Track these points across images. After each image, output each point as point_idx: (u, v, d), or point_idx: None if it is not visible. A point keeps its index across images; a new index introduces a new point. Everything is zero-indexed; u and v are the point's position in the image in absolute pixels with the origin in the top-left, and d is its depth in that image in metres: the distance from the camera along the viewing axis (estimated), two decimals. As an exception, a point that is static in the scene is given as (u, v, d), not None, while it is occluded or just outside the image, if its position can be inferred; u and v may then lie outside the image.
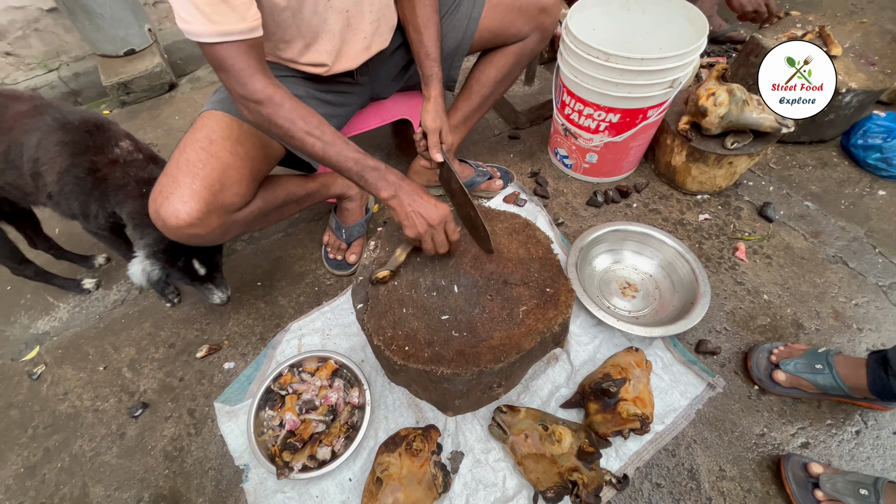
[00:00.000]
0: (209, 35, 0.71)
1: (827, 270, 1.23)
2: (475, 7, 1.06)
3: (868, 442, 0.96)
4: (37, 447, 1.05)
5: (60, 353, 1.20)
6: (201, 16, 0.69)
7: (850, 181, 1.43)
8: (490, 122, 1.73)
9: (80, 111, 0.98)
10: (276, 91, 0.78)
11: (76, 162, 0.92)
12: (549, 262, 0.96)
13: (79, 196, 0.94)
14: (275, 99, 0.78)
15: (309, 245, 1.38)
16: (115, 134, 0.98)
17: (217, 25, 0.70)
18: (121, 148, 0.97)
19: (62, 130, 0.92)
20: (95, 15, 1.86)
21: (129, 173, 0.95)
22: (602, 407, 0.93)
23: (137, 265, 0.95)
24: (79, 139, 0.92)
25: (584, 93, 1.23)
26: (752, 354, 1.06)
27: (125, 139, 0.99)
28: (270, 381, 1.02)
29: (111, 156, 0.95)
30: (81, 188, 0.94)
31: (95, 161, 0.93)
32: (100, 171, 0.94)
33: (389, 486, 0.85)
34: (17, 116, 0.92)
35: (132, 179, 0.95)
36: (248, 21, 0.73)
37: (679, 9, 1.23)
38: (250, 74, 0.76)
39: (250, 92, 0.77)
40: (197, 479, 0.98)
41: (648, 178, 1.48)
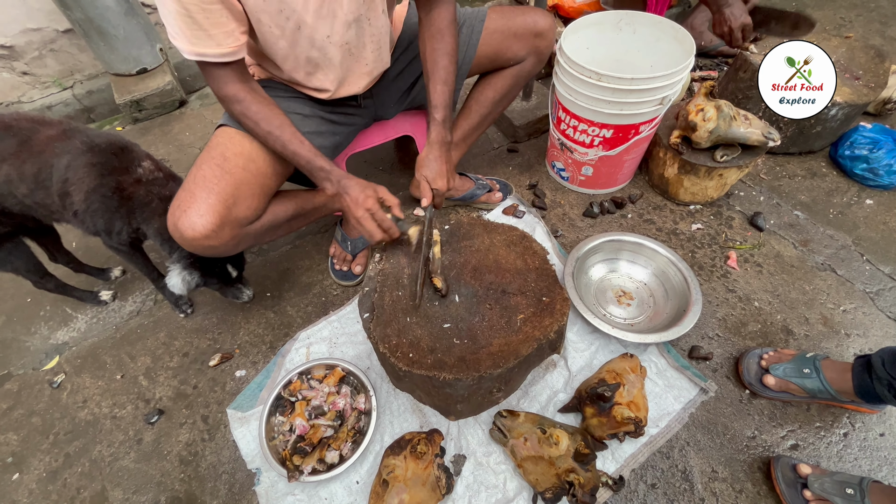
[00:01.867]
0: (188, 53, 0.81)
1: (816, 278, 1.27)
2: (473, 34, 1.12)
3: (855, 444, 1.00)
4: (58, 453, 1.10)
5: (79, 363, 1.25)
6: (183, 37, 0.79)
7: (838, 191, 1.48)
8: (489, 136, 1.79)
9: (106, 134, 1.05)
10: (246, 94, 0.90)
11: (103, 182, 0.98)
12: (546, 272, 1.01)
13: (104, 214, 1.01)
14: (244, 101, 0.90)
15: (316, 256, 1.44)
16: (137, 155, 1.05)
17: (195, 47, 0.80)
18: (143, 168, 1.03)
19: (90, 153, 0.98)
20: (110, 36, 1.94)
21: (152, 191, 1.02)
22: (598, 411, 0.97)
23: (176, 276, 1.02)
24: (105, 160, 0.99)
25: (579, 110, 1.28)
26: (743, 359, 1.10)
27: (146, 159, 1.06)
28: (280, 387, 1.07)
29: (135, 175, 1.02)
30: (107, 206, 1.00)
31: (121, 181, 1.00)
32: (125, 190, 1.00)
33: (395, 488, 0.90)
34: (48, 140, 0.99)
35: (155, 197, 1.02)
36: (224, 48, 0.81)
37: (668, 29, 1.29)
38: (224, 83, 0.88)
39: (224, 94, 0.89)
40: (211, 482, 1.03)
41: (643, 190, 1.53)
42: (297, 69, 0.97)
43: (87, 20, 1.86)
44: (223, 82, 0.88)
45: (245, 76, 0.91)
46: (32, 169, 0.97)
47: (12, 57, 2.03)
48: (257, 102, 0.91)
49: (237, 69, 0.88)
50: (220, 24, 0.79)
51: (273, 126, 0.92)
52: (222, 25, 0.79)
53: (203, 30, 0.78)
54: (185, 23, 0.77)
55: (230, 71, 0.87)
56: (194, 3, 0.75)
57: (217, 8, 0.77)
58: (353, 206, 0.90)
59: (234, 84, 0.89)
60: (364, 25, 0.95)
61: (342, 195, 0.92)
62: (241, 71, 0.89)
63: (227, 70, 0.87)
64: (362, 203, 0.90)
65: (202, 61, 0.83)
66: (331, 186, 0.93)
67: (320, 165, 0.93)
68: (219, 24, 0.79)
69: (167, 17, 0.78)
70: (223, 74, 0.87)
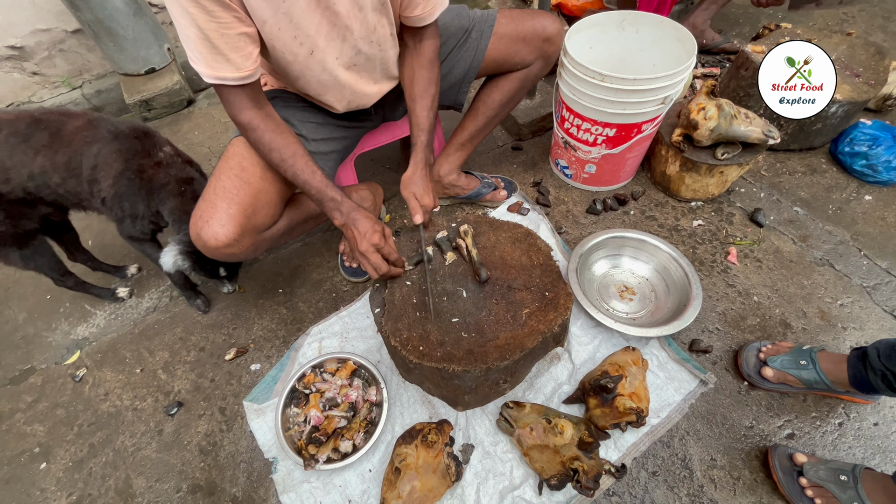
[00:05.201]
0: (207, 76, 0.83)
1: (814, 273, 1.30)
2: (482, 39, 1.14)
3: (850, 433, 1.03)
4: (83, 443, 1.15)
5: (100, 357, 1.30)
6: (202, 60, 0.81)
7: (837, 187, 1.51)
8: (494, 135, 1.82)
9: (129, 121, 1.11)
10: (260, 122, 0.92)
11: (129, 165, 1.05)
12: (550, 268, 1.04)
13: (129, 197, 1.07)
14: (258, 129, 0.92)
15: (326, 254, 1.48)
16: (158, 140, 1.12)
17: (214, 70, 0.82)
18: (164, 152, 1.11)
19: (117, 140, 1.05)
20: (119, 37, 1.97)
21: (170, 174, 1.09)
22: (601, 402, 1.01)
23: (171, 256, 1.07)
24: (130, 145, 1.06)
25: (582, 109, 1.31)
26: (742, 352, 1.13)
27: (167, 145, 1.13)
28: (295, 380, 1.11)
29: (156, 159, 1.09)
30: (132, 188, 1.06)
31: (143, 164, 1.07)
32: (146, 172, 1.07)
33: (407, 475, 0.94)
34: (76, 130, 1.04)
35: (173, 179, 1.09)
36: (242, 71, 0.83)
37: (669, 29, 1.31)
38: (240, 109, 0.90)
39: (239, 120, 0.92)
40: (230, 470, 1.07)
41: (645, 187, 1.56)
42: (308, 87, 1.00)
43: (96, 21, 1.89)
44: (238, 109, 0.89)
45: (260, 100, 0.92)
46: (64, 158, 1.03)
47: (22, 57, 2.06)
48: (271, 131, 0.92)
49: (252, 92, 0.89)
50: (239, 48, 0.81)
51: (286, 155, 0.94)
52: (240, 49, 0.81)
53: (222, 54, 0.80)
54: (204, 47, 0.79)
55: (245, 95, 0.88)
56: (214, 29, 0.77)
57: (235, 34, 0.79)
58: (359, 240, 0.93)
59: (249, 111, 0.90)
60: (374, 50, 0.98)
61: (350, 227, 0.94)
62: (255, 94, 0.91)
63: (243, 94, 0.88)
64: (369, 238, 0.92)
65: (219, 84, 0.85)
66: (339, 217, 0.95)
67: (331, 196, 0.95)
68: (237, 48, 0.81)
69: (187, 42, 0.80)
70: (239, 99, 0.88)
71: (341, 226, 0.96)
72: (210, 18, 0.76)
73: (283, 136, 0.94)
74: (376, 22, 0.93)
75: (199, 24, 0.76)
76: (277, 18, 0.82)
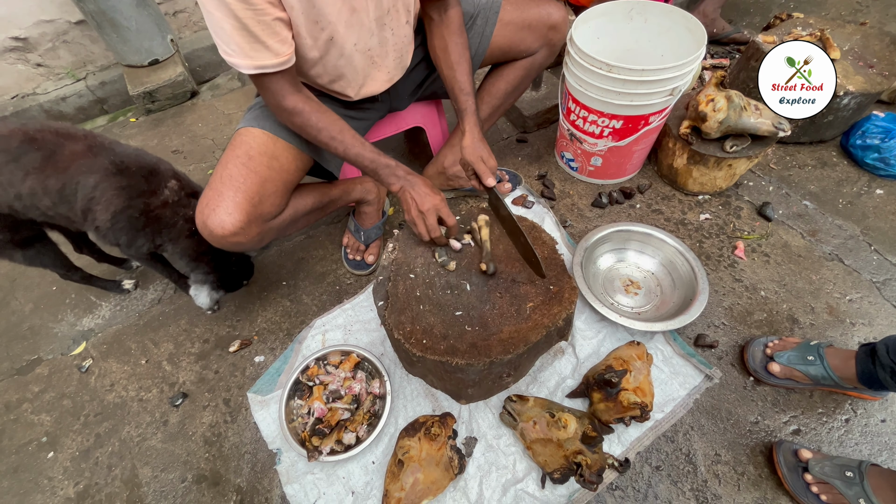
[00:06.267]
0: (248, 68, 0.82)
1: (823, 267, 1.28)
2: (487, 26, 1.13)
3: (857, 429, 1.02)
4: (89, 433, 1.16)
5: (105, 348, 1.31)
6: (241, 52, 0.80)
7: (848, 180, 1.48)
8: (499, 127, 1.80)
9: (134, 153, 1.03)
10: (305, 104, 0.92)
11: (132, 204, 0.99)
12: (554, 261, 1.03)
13: (129, 232, 1.02)
14: (304, 112, 0.92)
15: (329, 247, 1.47)
16: (164, 175, 1.05)
17: (254, 60, 0.81)
18: (169, 188, 1.04)
19: (120, 175, 0.98)
20: (122, 28, 1.96)
21: (178, 213, 1.04)
22: (605, 396, 1.01)
23: (205, 295, 1.08)
24: (135, 184, 0.99)
25: (588, 101, 1.29)
26: (749, 347, 1.12)
27: (172, 178, 1.06)
28: (299, 372, 1.11)
29: (162, 197, 1.03)
30: (133, 226, 1.01)
31: (149, 203, 1.01)
32: (153, 212, 1.01)
33: (410, 468, 0.94)
34: (74, 156, 0.97)
35: (181, 218, 1.04)
36: (281, 56, 0.83)
37: (679, 18, 1.29)
38: (283, 95, 0.89)
39: (285, 107, 0.91)
40: (234, 461, 1.08)
41: (651, 180, 1.54)
42: (322, 76, 0.99)
43: (99, 11, 1.88)
44: (281, 96, 0.89)
45: (297, 85, 0.92)
46: (57, 184, 0.97)
47: (27, 49, 2.06)
48: (316, 112, 0.93)
49: (290, 78, 0.89)
50: (276, 34, 0.80)
51: (335, 132, 0.94)
52: (277, 34, 0.80)
53: (260, 42, 0.79)
54: (242, 37, 0.78)
55: (286, 82, 0.88)
56: (251, 17, 0.76)
57: (271, 19, 0.78)
58: (420, 200, 0.95)
59: (291, 96, 0.90)
60: (387, 34, 0.97)
61: (407, 190, 0.96)
62: (293, 80, 0.91)
63: (283, 81, 0.88)
64: (431, 199, 0.95)
65: (260, 74, 0.84)
66: (396, 181, 0.97)
67: (385, 163, 0.97)
68: (274, 34, 0.80)
69: (222, 35, 0.79)
70: (281, 87, 0.88)
71: (398, 190, 0.98)
72: (246, 6, 0.75)
73: (328, 115, 0.95)
74: (391, 6, 0.93)
75: (236, 12, 0.75)
76: (303, 4, 0.82)
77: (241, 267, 1.18)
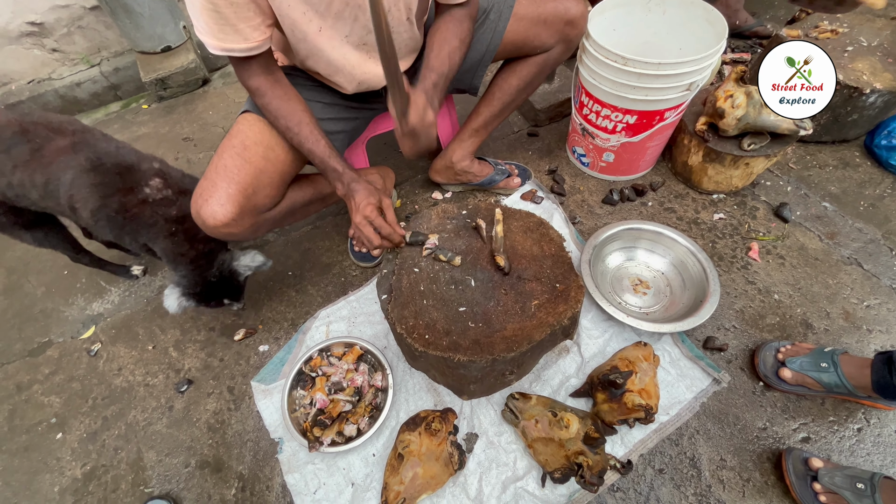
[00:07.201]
0: (214, 48, 0.82)
1: (840, 272, 1.24)
2: (500, 20, 1.09)
3: (869, 439, 1.00)
4: (97, 416, 1.18)
5: (114, 333, 1.32)
6: (209, 33, 0.80)
7: (871, 182, 1.43)
8: (510, 120, 1.77)
9: (115, 150, 1.00)
10: (269, 88, 0.92)
11: (107, 202, 0.97)
12: (561, 259, 1.01)
13: (112, 230, 1.01)
14: (266, 95, 0.92)
15: (336, 238, 1.47)
16: (145, 173, 1.01)
17: (221, 42, 0.81)
18: (150, 187, 1.00)
19: (93, 172, 0.96)
20: (135, 14, 1.96)
21: (157, 212, 1.00)
22: (609, 397, 0.99)
23: (174, 299, 1.04)
24: (108, 181, 0.96)
25: (602, 94, 1.26)
26: (760, 352, 1.09)
27: (156, 177, 1.02)
28: (302, 363, 1.11)
29: (141, 196, 0.99)
30: (113, 224, 1.00)
31: (125, 202, 0.98)
32: (129, 210, 0.98)
33: (410, 462, 0.94)
34: (57, 152, 0.96)
35: (161, 218, 1.00)
36: (251, 42, 0.82)
37: (699, 11, 1.24)
38: (249, 75, 0.90)
39: (248, 86, 0.93)
40: (237, 448, 1.09)
41: (665, 177, 1.51)
42: (317, 66, 0.98)
43: (113, -3, 1.89)
44: (248, 75, 0.90)
45: (270, 67, 0.92)
46: (42, 179, 0.96)
47: (42, 34, 2.07)
48: (278, 98, 0.93)
49: (262, 61, 0.89)
50: (247, 19, 0.79)
51: (292, 123, 0.94)
52: (249, 20, 0.80)
53: (230, 24, 0.79)
54: (211, 18, 0.78)
55: (255, 64, 0.88)
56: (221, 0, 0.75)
57: (243, 2, 0.78)
58: (354, 212, 0.93)
59: (258, 77, 0.90)
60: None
61: (349, 197, 0.95)
62: (266, 63, 0.90)
63: (253, 63, 0.88)
64: (362, 210, 0.92)
65: (229, 57, 0.84)
66: (341, 188, 0.97)
67: (333, 167, 0.96)
68: (245, 19, 0.79)
69: (194, 13, 0.79)
70: (248, 67, 0.89)
71: (343, 196, 0.97)
72: None
73: (290, 104, 0.94)
74: (391, 4, 0.90)
75: None
76: None
77: (225, 284, 1.11)
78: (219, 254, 1.09)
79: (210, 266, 1.07)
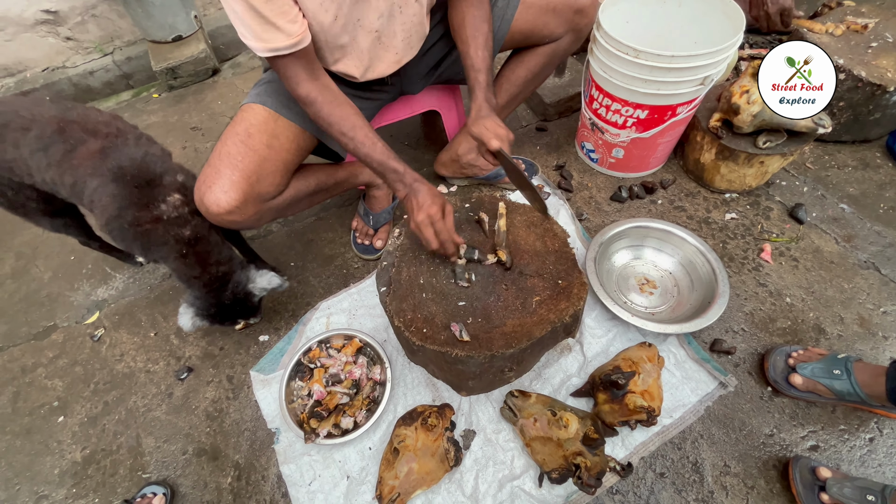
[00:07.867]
0: (261, 50, 0.80)
1: (856, 276, 1.20)
2: (508, 8, 1.07)
3: (881, 449, 0.96)
4: (98, 400, 1.19)
5: (117, 319, 1.33)
6: (253, 35, 0.79)
7: (892, 184, 1.38)
8: (518, 114, 1.74)
9: (141, 159, 0.96)
10: (318, 95, 0.89)
11: (121, 214, 0.94)
12: (565, 255, 0.99)
13: (123, 241, 0.99)
14: (316, 102, 0.89)
15: (339, 229, 1.46)
16: (166, 188, 0.97)
17: (267, 43, 0.79)
18: (168, 203, 0.95)
19: (115, 182, 0.93)
20: (147, 2, 1.97)
21: (169, 231, 0.95)
22: (610, 397, 0.97)
23: (188, 318, 1.02)
24: (126, 193, 0.94)
25: (613, 88, 1.23)
26: (770, 356, 1.06)
27: (175, 192, 0.97)
28: (301, 354, 1.11)
29: (156, 212, 0.95)
30: (125, 236, 0.97)
31: (138, 217, 0.94)
32: (141, 226, 0.95)
33: (405, 457, 0.93)
34: (88, 156, 0.95)
35: (172, 238, 0.96)
36: (293, 37, 0.81)
37: (716, 2, 1.20)
38: (297, 82, 0.88)
39: (297, 95, 0.89)
40: (234, 437, 1.09)
41: (675, 175, 1.47)
42: (326, 54, 0.96)
43: (125, -15, 1.89)
44: (296, 82, 0.87)
45: (315, 70, 0.90)
46: (70, 180, 0.96)
47: (57, 22, 2.09)
48: (329, 104, 0.90)
49: (306, 62, 0.87)
50: (284, 13, 0.78)
51: (346, 128, 0.91)
52: (286, 14, 0.78)
53: (270, 22, 0.77)
54: (252, 19, 0.77)
55: (300, 66, 0.86)
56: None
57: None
58: (417, 210, 0.90)
59: (306, 83, 0.88)
60: (395, 13, 0.93)
61: (410, 197, 0.92)
62: (310, 64, 0.88)
63: (298, 65, 0.86)
64: (426, 208, 0.89)
65: (275, 56, 0.83)
66: (402, 188, 0.92)
67: (393, 167, 0.92)
68: (283, 13, 0.78)
69: (235, 20, 0.78)
70: (296, 72, 0.86)
71: (403, 198, 0.93)
72: None
73: (342, 109, 0.91)
74: None
75: None
76: None
77: (240, 305, 1.07)
78: (233, 275, 1.04)
79: (224, 289, 1.03)
